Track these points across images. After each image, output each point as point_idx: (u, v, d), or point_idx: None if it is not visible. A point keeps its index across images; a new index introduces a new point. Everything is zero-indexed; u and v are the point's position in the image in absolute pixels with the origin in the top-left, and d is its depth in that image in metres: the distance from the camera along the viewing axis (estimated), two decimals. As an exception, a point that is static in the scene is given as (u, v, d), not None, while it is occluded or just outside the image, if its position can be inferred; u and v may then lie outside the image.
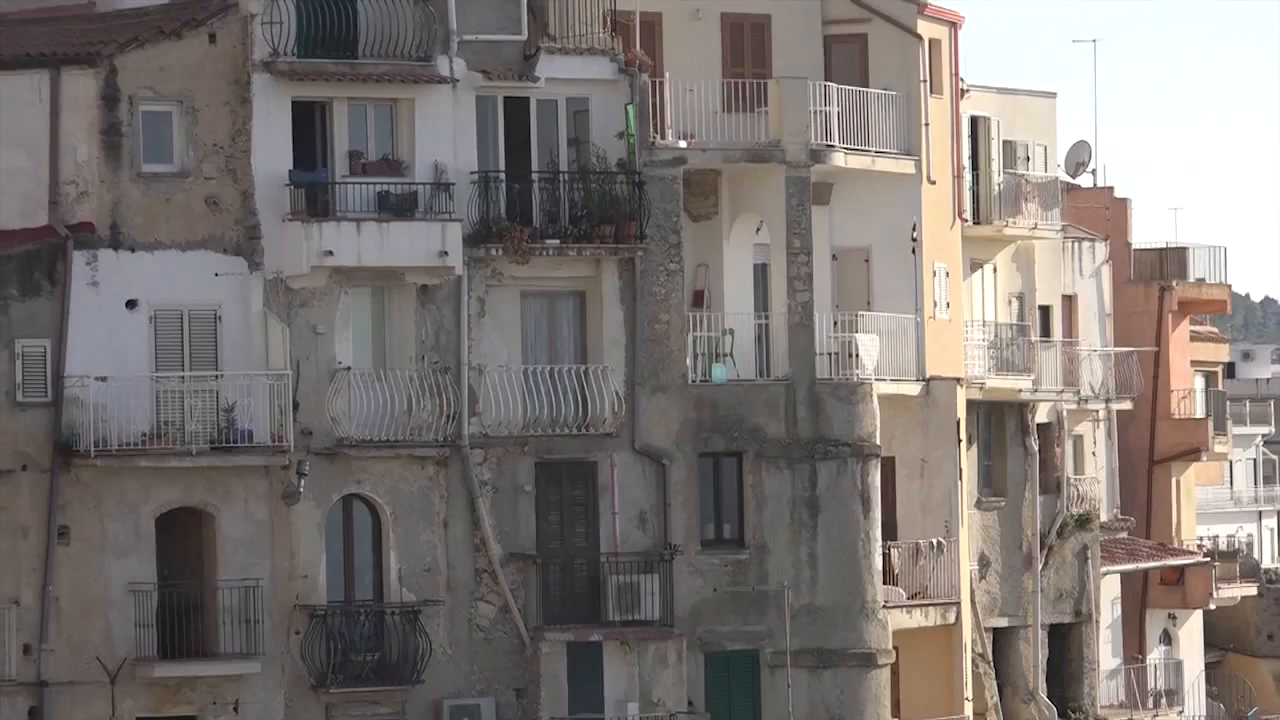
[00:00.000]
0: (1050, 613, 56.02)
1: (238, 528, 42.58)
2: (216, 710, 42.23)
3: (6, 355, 41.01)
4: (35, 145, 42.13)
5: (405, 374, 43.80)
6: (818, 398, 46.21)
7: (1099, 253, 62.93)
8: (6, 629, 40.80)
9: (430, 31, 44.00)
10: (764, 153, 46.73)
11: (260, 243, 42.81)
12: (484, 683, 44.10)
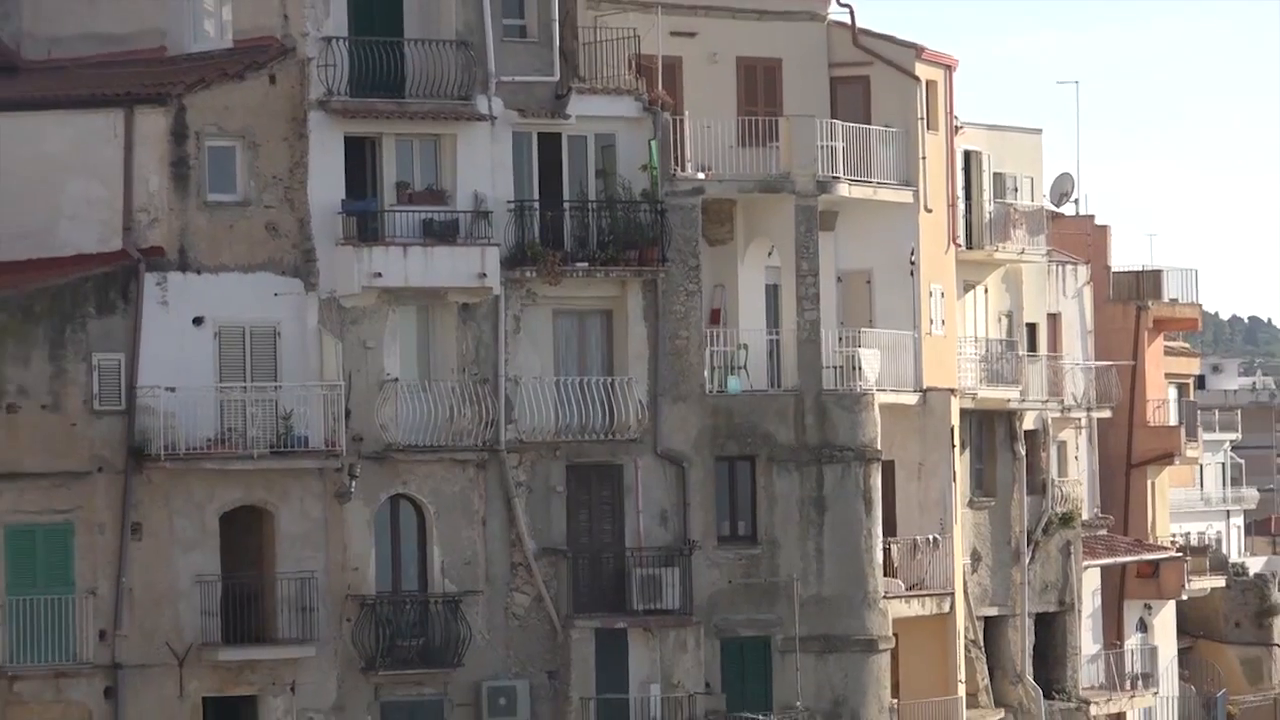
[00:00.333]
0: (1036, 603, 56.01)
1: (295, 524, 42.70)
2: (275, 690, 42.31)
3: (84, 367, 41.13)
4: (111, 177, 42.28)
5: (447, 385, 43.89)
6: (824, 407, 46.30)
7: (1081, 275, 62.96)
8: (84, 616, 40.91)
9: (471, 73, 44.11)
10: (775, 184, 46.82)
11: (315, 265, 42.92)
12: (519, 666, 44.15)
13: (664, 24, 46.86)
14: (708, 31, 48.43)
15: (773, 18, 49.63)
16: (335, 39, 43.36)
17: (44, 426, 40.91)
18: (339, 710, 42.81)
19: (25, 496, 40.75)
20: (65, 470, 40.99)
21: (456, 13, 44.28)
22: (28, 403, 40.77)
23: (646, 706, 44.66)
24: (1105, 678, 60.10)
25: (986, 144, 55.94)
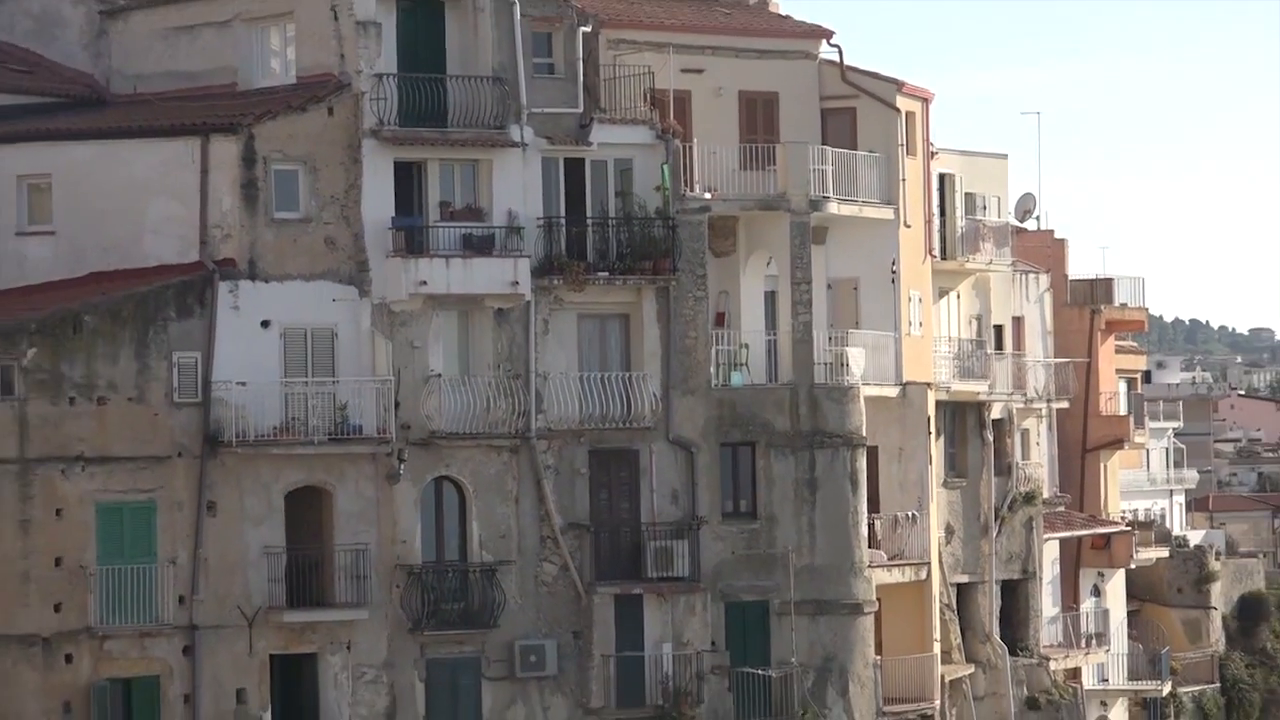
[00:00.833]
0: (1002, 571, 55.96)
1: (350, 503, 42.75)
2: (333, 649, 42.37)
3: (166, 365, 41.18)
4: (189, 197, 42.33)
5: (484, 380, 43.89)
6: (816, 398, 46.30)
7: (1041, 283, 62.94)
8: (165, 583, 40.97)
9: (505, 105, 44.11)
10: (773, 202, 46.79)
11: (368, 275, 42.91)
12: (547, 627, 44.15)
13: (675, 62, 46.97)
14: (713, 69, 48.44)
15: (771, 56, 49.69)
16: (386, 75, 43.37)
17: (130, 417, 40.95)
18: (389, 666, 42.81)
19: (114, 478, 40.78)
20: (149, 455, 41.05)
21: (492, 52, 44.31)
22: (116, 396, 40.79)
23: (660, 663, 44.68)
24: (1063, 637, 60.09)
25: (959, 167, 55.93)
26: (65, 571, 40.40)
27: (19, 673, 40.03)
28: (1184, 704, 69.47)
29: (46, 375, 40.30)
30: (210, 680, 41.42)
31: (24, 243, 43.51)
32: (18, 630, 40.01)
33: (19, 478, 40.10)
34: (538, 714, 44.00)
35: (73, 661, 40.47)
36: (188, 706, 41.26)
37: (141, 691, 41.13)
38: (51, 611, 40.28)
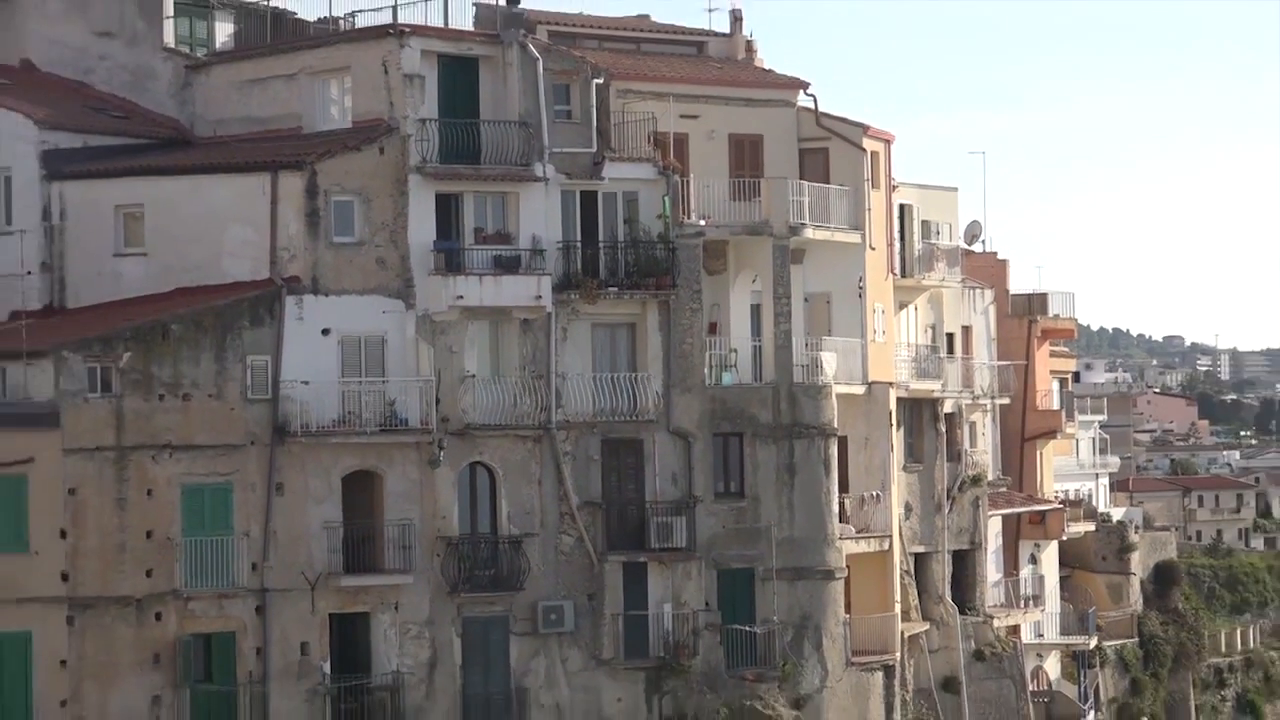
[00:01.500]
0: (953, 542, 55.88)
1: (398, 484, 42.73)
2: (383, 609, 42.34)
3: (240, 367, 41.16)
4: (261, 223, 42.32)
5: (511, 379, 43.84)
6: (794, 395, 46.21)
7: (986, 297, 62.81)
8: (240, 553, 41.01)
9: (530, 146, 44.09)
10: (758, 228, 46.68)
11: (413, 290, 42.84)
12: (565, 590, 44.08)
13: (674, 109, 46.89)
14: (707, 115, 48.31)
15: (756, 104, 49.56)
16: (428, 120, 43.34)
17: (210, 411, 40.95)
18: (430, 624, 42.75)
19: (196, 463, 40.80)
20: (226, 443, 41.07)
21: (519, 101, 44.28)
22: (198, 393, 40.80)
23: (661, 621, 44.63)
24: (1005, 598, 60.00)
25: (916, 199, 55.85)
26: (155, 543, 40.42)
27: (116, 629, 40.05)
28: (1108, 656, 69.50)
29: (139, 376, 40.29)
30: (278, 635, 41.40)
31: (120, 263, 43.56)
32: (115, 593, 40.01)
33: (116, 463, 40.09)
34: (557, 664, 43.92)
35: (161, 619, 40.49)
36: (259, 658, 41.25)
37: (220, 645, 41.16)
38: (144, 577, 40.28)
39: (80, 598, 39.80)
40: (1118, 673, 70.45)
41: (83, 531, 39.83)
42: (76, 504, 39.78)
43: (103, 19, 48.18)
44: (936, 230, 57.91)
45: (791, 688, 45.53)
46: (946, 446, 55.61)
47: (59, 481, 39.65)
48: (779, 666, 45.30)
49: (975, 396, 59.31)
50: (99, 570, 39.93)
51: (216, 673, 41.08)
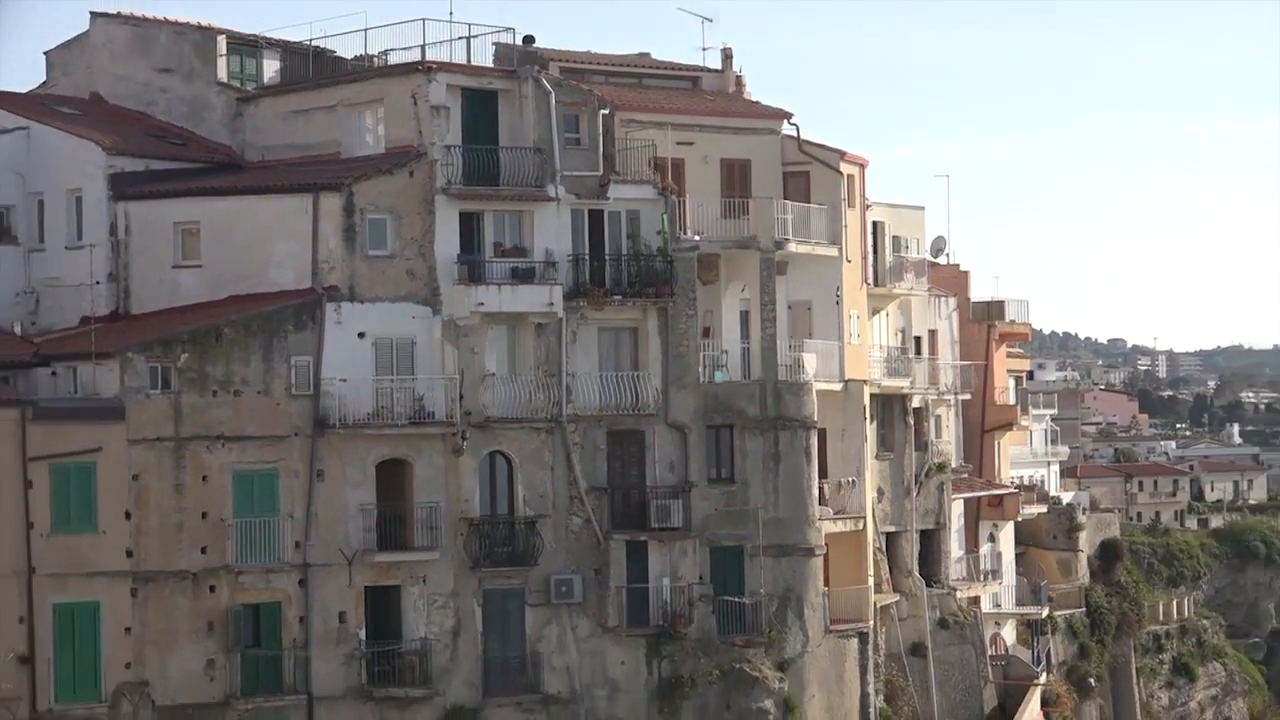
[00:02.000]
0: (920, 522, 55.80)
1: (425, 471, 42.64)
2: (412, 582, 42.34)
3: (285, 366, 41.16)
4: (303, 238, 42.32)
5: (527, 377, 43.78)
6: (779, 392, 46.14)
7: (950, 304, 62.70)
8: (285, 532, 41.03)
9: (543, 169, 44.05)
10: (746, 243, 46.64)
11: (439, 298, 42.79)
12: (575, 565, 43.99)
13: (672, 137, 46.81)
14: (701, 142, 48.20)
15: (744, 132, 49.49)
16: (453, 146, 43.34)
17: (258, 405, 40.97)
18: (455, 595, 42.74)
19: (246, 452, 40.83)
20: (272, 434, 41.09)
21: (534, 129, 44.26)
22: (247, 389, 40.84)
23: (660, 593, 44.57)
24: (966, 572, 59.94)
25: (887, 216, 55.77)
26: (209, 523, 40.47)
27: (175, 600, 40.12)
28: (1058, 624, 69.50)
29: (195, 374, 40.33)
30: (319, 606, 41.43)
31: (178, 274, 43.54)
32: (174, 567, 40.10)
33: (174, 452, 40.15)
34: (568, 632, 43.88)
35: (215, 591, 40.55)
36: (302, 626, 41.29)
37: (267, 614, 41.19)
38: (199, 553, 40.37)
39: (143, 572, 39.89)
40: (1067, 639, 70.46)
41: (145, 513, 39.90)
42: (139, 488, 39.84)
43: (163, 57, 48.33)
44: (905, 245, 57.86)
45: (776, 652, 45.50)
46: (914, 437, 55.56)
47: (124, 468, 39.70)
48: (765, 633, 45.28)
49: (940, 393, 59.25)
50: (159, 547, 40.00)
51: (264, 639, 41.09)
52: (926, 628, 54.72)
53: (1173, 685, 79.49)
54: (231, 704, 40.41)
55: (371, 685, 41.66)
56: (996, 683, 58.57)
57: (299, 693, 41.18)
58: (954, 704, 55.28)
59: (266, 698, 40.75)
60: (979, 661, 57.19)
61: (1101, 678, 71.49)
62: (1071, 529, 72.92)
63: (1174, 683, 79.59)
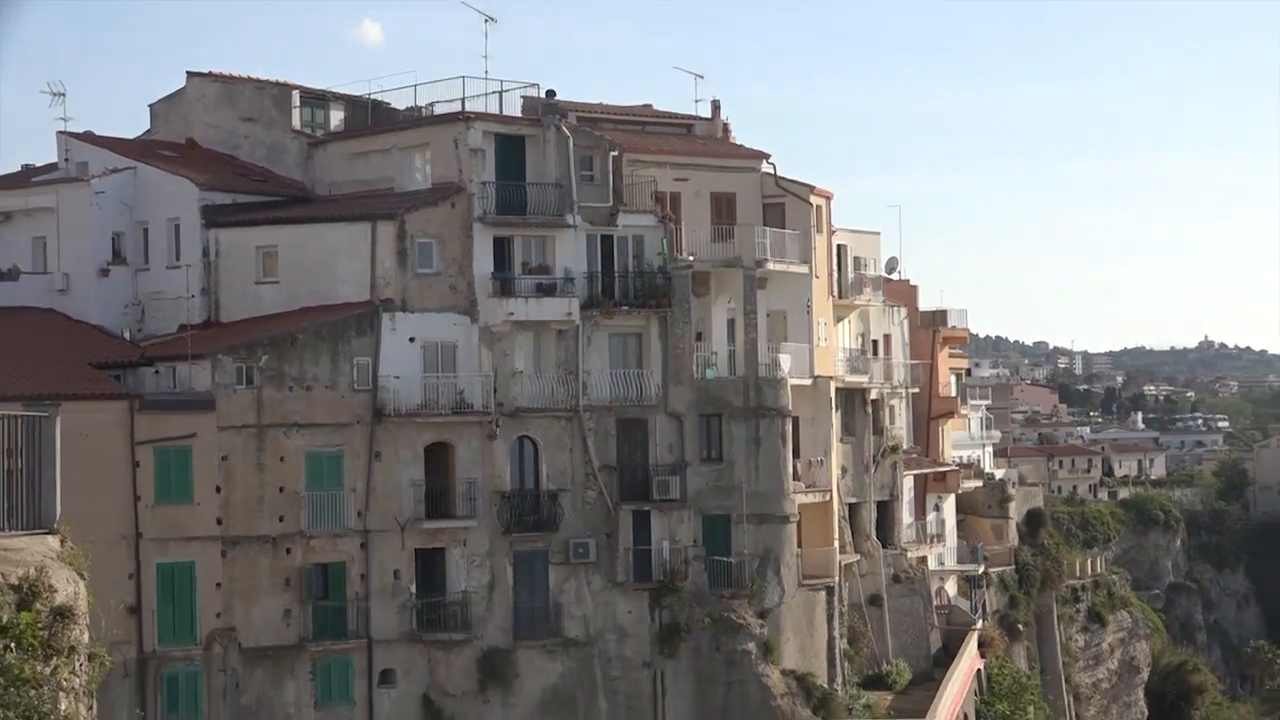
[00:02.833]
0: (877, 495, 55.54)
1: (466, 453, 42.66)
2: (455, 545, 42.36)
3: (349, 365, 41.16)
4: (363, 259, 42.28)
5: (549, 375, 43.77)
6: (759, 386, 46.08)
7: (901, 313, 62.58)
8: (349, 503, 41.04)
9: (563, 201, 44.03)
10: (732, 262, 46.61)
11: (477, 308, 42.76)
12: (589, 531, 43.99)
13: (670, 174, 47.06)
14: (694, 178, 48.30)
15: (730, 170, 49.56)
16: (487, 182, 43.38)
17: (327, 398, 41.01)
18: (490, 555, 42.76)
19: (316, 437, 40.87)
20: (338, 422, 41.13)
21: (555, 167, 44.26)
22: (317, 385, 40.87)
23: (661, 553, 44.52)
24: (916, 536, 59.85)
25: (849, 240, 55.68)
26: (286, 495, 40.49)
27: (257, 560, 40.18)
28: (992, 579, 69.43)
29: (274, 372, 40.36)
30: (377, 565, 41.47)
31: (259, 289, 43.57)
32: (257, 533, 40.17)
33: (257, 437, 40.19)
34: (584, 586, 43.87)
35: (290, 553, 40.60)
36: (363, 581, 41.34)
37: (334, 572, 41.25)
38: (277, 521, 40.41)
39: (230, 536, 39.95)
40: (999, 591, 70.43)
41: (232, 487, 39.95)
42: (228, 467, 39.89)
43: (247, 108, 48.36)
44: (864, 264, 57.75)
45: (757, 603, 45.48)
46: (872, 424, 55.44)
47: (215, 451, 39.76)
48: (748, 587, 45.24)
49: (893, 387, 59.20)
50: (244, 516, 40.04)
51: (331, 592, 41.14)
52: (882, 582, 54.66)
53: (1087, 630, 79.45)
54: (304, 646, 40.46)
55: (421, 630, 41.71)
56: (941, 628, 58.54)
57: (361, 637, 41.23)
58: (905, 646, 55.27)
59: (333, 641, 40.83)
60: (926, 610, 57.17)
61: (1028, 624, 71.47)
62: (1003, 500, 72.86)
63: (1088, 628, 79.56)
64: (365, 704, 41.25)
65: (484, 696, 42.44)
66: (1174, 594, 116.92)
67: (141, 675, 38.90)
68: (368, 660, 41.31)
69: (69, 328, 43.49)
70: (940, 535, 63.15)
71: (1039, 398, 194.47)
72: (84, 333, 43.28)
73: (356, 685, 41.19)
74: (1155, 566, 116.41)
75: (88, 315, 44.12)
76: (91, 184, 45.19)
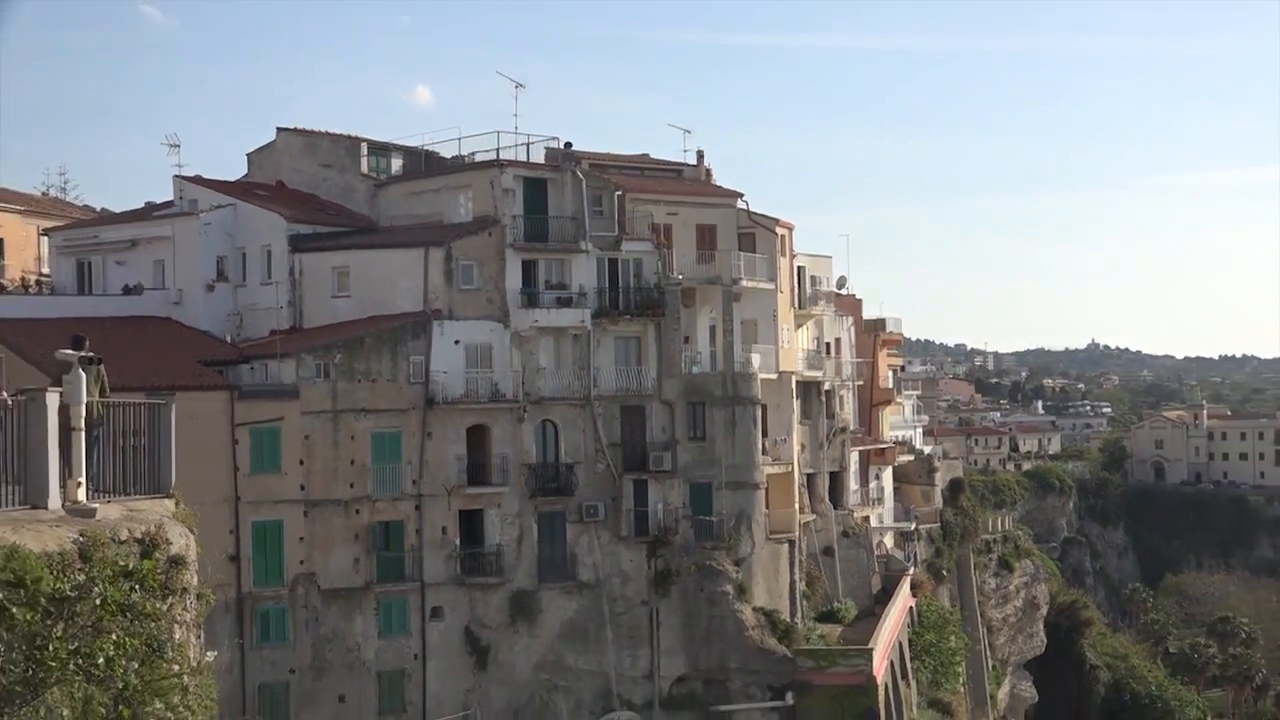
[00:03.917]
0: (830, 467, 55.41)
1: (500, 433, 42.56)
2: (491, 507, 42.28)
3: (406, 363, 41.08)
4: (418, 277, 42.14)
5: (567, 370, 43.70)
6: (735, 380, 45.81)
7: (849, 321, 62.41)
8: (406, 473, 40.92)
9: (578, 231, 43.99)
10: (713, 281, 46.40)
11: (508, 317, 42.70)
12: (599, 495, 43.90)
13: (663, 209, 46.86)
14: (683, 212, 48.01)
15: (712, 206, 49.29)
16: (517, 216, 43.31)
17: (389, 389, 40.91)
18: (519, 515, 42.73)
19: (380, 420, 40.80)
20: (397, 408, 41.02)
21: (571, 204, 44.22)
22: (381, 378, 40.81)
23: (656, 514, 44.42)
24: (860, 500, 59.64)
25: (807, 262, 55.50)
26: (356, 467, 40.41)
27: (332, 519, 40.13)
28: (921, 534, 69.28)
29: (346, 368, 40.32)
30: (429, 523, 41.41)
31: (335, 301, 43.44)
32: (332, 497, 40.13)
33: (332, 420, 40.13)
34: (594, 541, 43.80)
35: (359, 513, 40.53)
36: (417, 535, 41.26)
37: (394, 528, 41.19)
38: (348, 487, 40.35)
39: (311, 500, 39.91)
40: (927, 544, 70.35)
41: (313, 460, 39.89)
42: (309, 444, 39.84)
43: (325, 157, 48.36)
44: (819, 281, 57.64)
45: (734, 553, 45.37)
46: (825, 410, 55.35)
47: (299, 431, 39.73)
48: (726, 540, 45.12)
49: (842, 380, 59.11)
50: (322, 483, 39.99)
51: (391, 544, 41.10)
52: (834, 537, 54.58)
53: (998, 575, 79.35)
54: (370, 588, 40.45)
55: (463, 575, 41.69)
56: (880, 573, 58.50)
57: (415, 581, 41.22)
58: (852, 588, 55.23)
59: (393, 584, 40.84)
60: (869, 559, 57.14)
61: (951, 570, 71.42)
62: (930, 471, 72.79)
63: (999, 573, 79.45)
64: (419, 634, 41.25)
65: (514, 628, 42.45)
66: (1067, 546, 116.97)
67: (239, 611, 38.94)
68: (421, 599, 41.29)
69: (182, 333, 43.46)
70: (880, 499, 63.08)
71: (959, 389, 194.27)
72: (194, 337, 43.25)
73: (412, 619, 41.20)
74: (1052, 524, 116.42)
75: (197, 322, 44.09)
76: (200, 217, 45.20)
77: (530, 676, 42.61)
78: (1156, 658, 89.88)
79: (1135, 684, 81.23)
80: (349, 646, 40.34)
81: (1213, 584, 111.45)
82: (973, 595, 73.24)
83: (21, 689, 8.58)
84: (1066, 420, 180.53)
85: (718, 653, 43.90)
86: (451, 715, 41.15)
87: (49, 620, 9.10)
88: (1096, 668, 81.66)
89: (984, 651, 70.70)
